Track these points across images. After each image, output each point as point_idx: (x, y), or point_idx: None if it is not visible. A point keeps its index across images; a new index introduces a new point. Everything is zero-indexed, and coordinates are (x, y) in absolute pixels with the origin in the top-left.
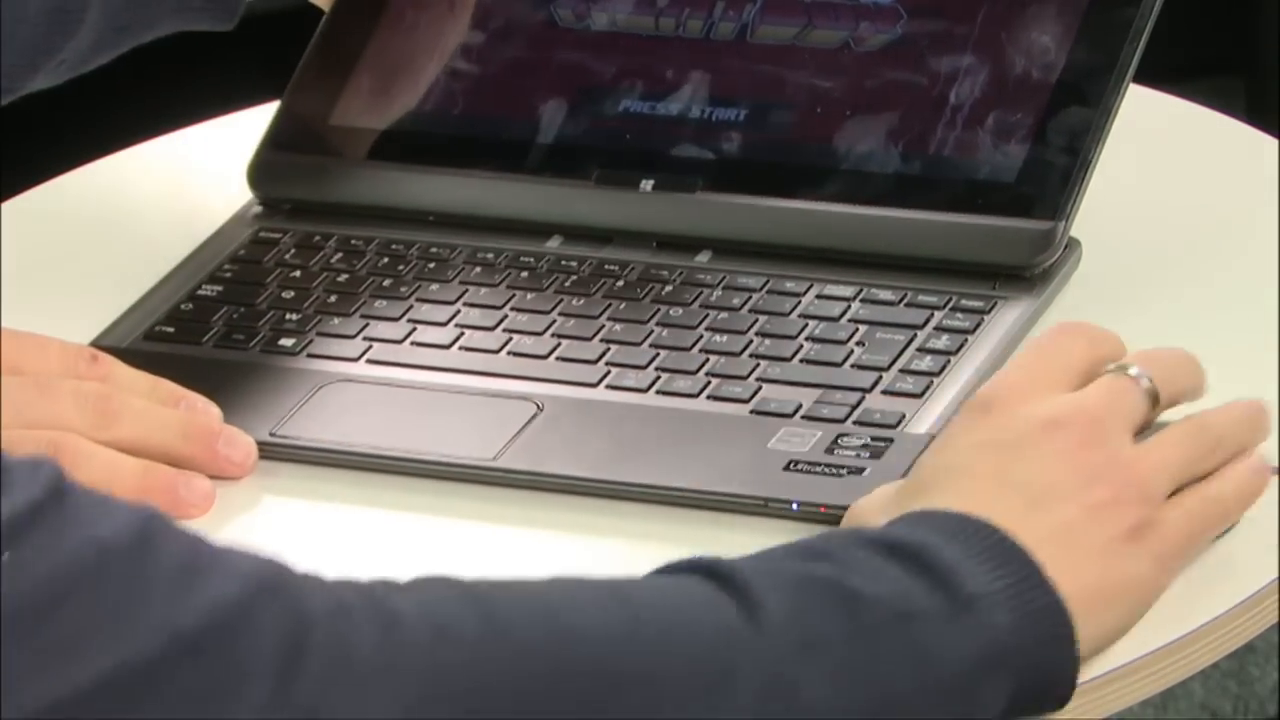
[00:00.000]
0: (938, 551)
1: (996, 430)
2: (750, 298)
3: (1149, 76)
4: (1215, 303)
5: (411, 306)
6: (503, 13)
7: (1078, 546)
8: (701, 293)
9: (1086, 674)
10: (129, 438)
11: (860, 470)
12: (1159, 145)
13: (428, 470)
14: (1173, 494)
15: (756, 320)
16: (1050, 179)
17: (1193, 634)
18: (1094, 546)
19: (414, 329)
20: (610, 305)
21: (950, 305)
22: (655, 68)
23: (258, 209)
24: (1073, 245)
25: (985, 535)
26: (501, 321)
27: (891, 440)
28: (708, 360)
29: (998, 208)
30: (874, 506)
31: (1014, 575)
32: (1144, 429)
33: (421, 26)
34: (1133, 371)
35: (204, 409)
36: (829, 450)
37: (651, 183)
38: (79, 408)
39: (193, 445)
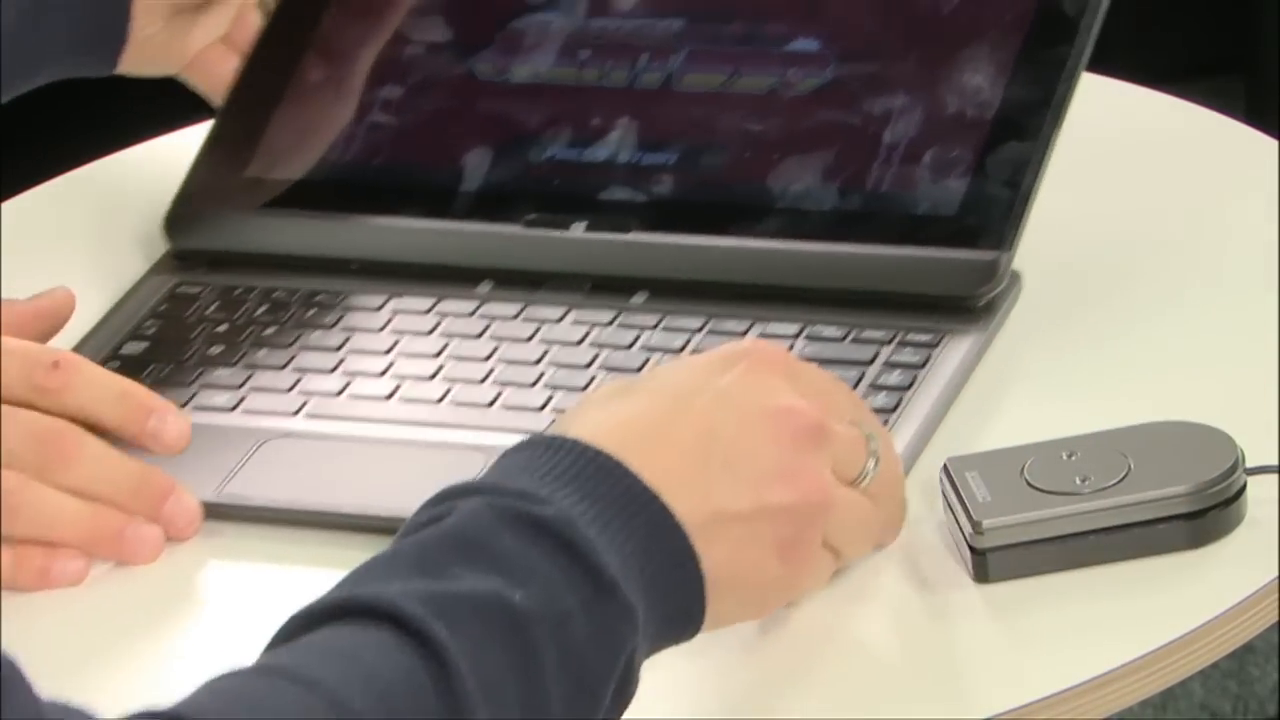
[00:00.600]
0: (578, 530)
1: (739, 383)
2: (691, 339)
3: (1149, 76)
4: (1212, 306)
5: (344, 359)
6: (421, 68)
7: (732, 533)
8: (640, 335)
9: (1088, 674)
10: (77, 486)
11: None
12: (1158, 145)
13: (381, 525)
14: None
15: None
16: (991, 211)
17: (1193, 634)
18: (746, 539)
19: (350, 381)
20: (548, 351)
21: (897, 340)
22: (581, 116)
23: (175, 261)
24: (1015, 278)
25: (633, 500)
26: (439, 371)
27: None
28: None
29: (940, 240)
30: (598, 395)
31: (655, 553)
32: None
33: (330, 82)
34: (872, 446)
35: (175, 421)
36: None
37: (584, 224)
38: (32, 448)
39: (139, 504)
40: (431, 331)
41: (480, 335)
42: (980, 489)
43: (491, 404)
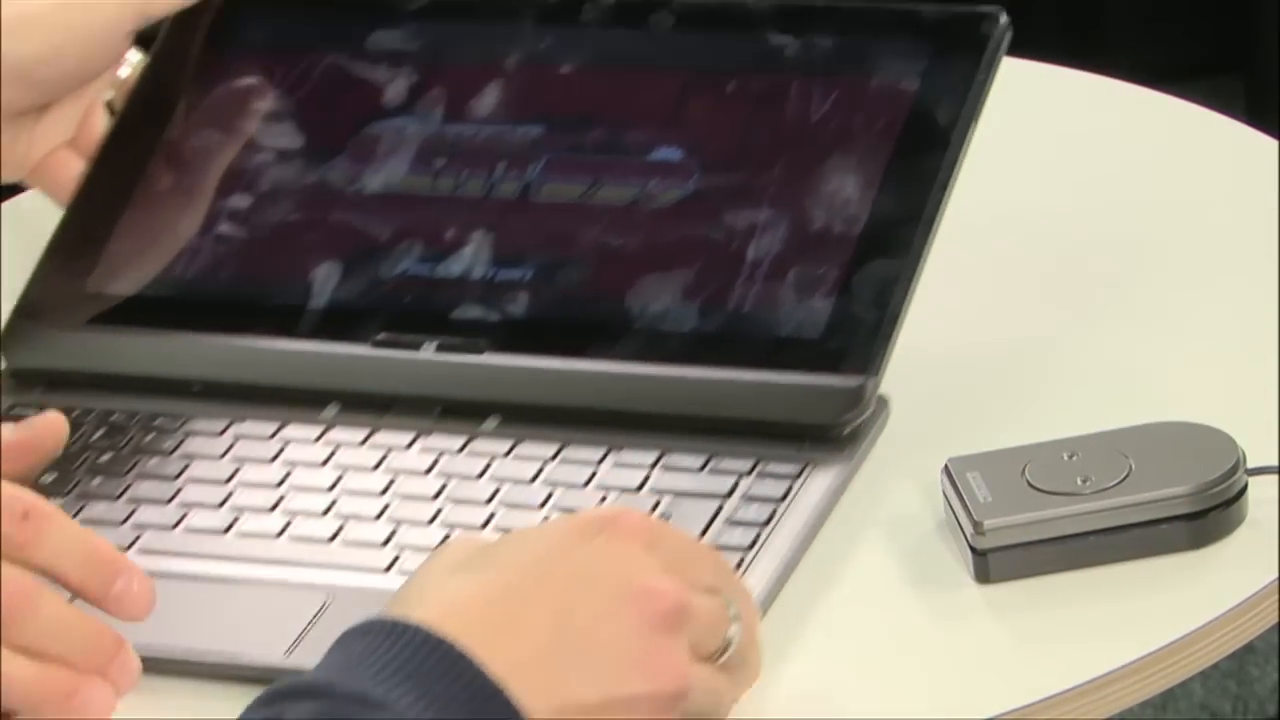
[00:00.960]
0: None
1: (599, 555)
2: (543, 468)
3: (1149, 76)
4: (1211, 306)
5: (182, 488)
6: (272, 177)
7: None
8: (491, 463)
9: (1088, 674)
10: (30, 644)
11: None
12: (1158, 145)
13: (214, 672)
14: None
15: (551, 493)
16: (857, 334)
17: (1193, 634)
18: None
19: (186, 513)
20: (394, 480)
21: (757, 470)
22: (435, 228)
23: (12, 380)
24: (882, 403)
25: (475, 695)
26: (279, 503)
27: None
28: None
29: (803, 364)
30: (448, 560)
31: None
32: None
33: (178, 190)
34: (733, 612)
35: (140, 588)
36: None
37: (435, 345)
38: None
39: (90, 662)
40: (274, 459)
41: (324, 463)
42: (981, 489)
43: (332, 539)
